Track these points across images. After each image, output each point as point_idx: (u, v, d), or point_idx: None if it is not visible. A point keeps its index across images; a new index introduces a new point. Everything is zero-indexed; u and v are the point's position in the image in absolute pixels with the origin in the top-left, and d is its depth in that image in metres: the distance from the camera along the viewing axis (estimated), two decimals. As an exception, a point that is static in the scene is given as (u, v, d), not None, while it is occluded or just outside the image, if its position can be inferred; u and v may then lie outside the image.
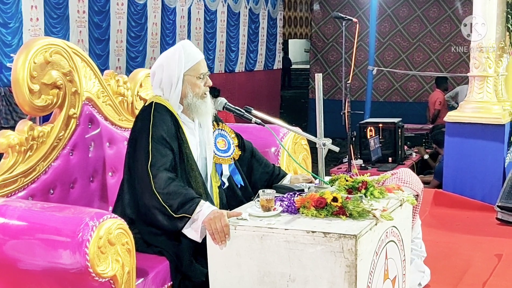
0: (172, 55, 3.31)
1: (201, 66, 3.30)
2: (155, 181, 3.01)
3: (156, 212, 3.02)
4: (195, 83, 3.28)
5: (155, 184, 3.01)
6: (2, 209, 2.71)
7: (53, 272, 2.55)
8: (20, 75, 3.03)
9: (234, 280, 2.80)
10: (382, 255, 2.89)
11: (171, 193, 2.99)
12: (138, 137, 3.17)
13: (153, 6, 9.74)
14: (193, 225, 2.97)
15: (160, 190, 2.99)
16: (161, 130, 3.14)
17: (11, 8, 7.36)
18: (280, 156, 3.82)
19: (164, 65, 3.31)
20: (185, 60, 3.26)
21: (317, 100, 3.18)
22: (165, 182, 3.01)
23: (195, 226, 2.97)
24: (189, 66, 3.27)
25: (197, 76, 3.28)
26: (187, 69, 3.27)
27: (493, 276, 4.44)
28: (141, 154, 3.10)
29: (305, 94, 15.73)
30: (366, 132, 7.67)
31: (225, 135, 3.46)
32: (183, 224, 2.98)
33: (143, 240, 3.11)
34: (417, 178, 3.59)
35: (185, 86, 3.27)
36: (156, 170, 3.03)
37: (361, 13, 12.73)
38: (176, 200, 2.97)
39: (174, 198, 2.98)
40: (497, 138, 6.24)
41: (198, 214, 2.94)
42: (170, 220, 3.00)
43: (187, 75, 3.27)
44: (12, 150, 3.01)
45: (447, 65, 12.79)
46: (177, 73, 3.26)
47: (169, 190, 2.99)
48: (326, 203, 2.83)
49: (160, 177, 3.02)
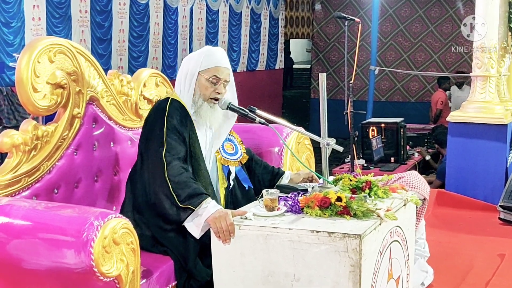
0: (196, 54, 3.39)
1: (217, 71, 3.31)
2: (168, 168, 3.04)
3: (163, 198, 3.03)
4: (204, 85, 3.30)
5: (168, 171, 3.03)
6: (6, 208, 2.71)
7: (57, 272, 2.55)
8: (24, 75, 3.03)
9: (238, 279, 2.80)
10: (386, 255, 2.89)
11: (181, 182, 3.01)
12: (152, 127, 3.20)
13: (155, 6, 9.73)
14: (195, 220, 2.98)
15: (171, 178, 3.02)
16: (176, 121, 3.17)
17: (13, 8, 7.36)
18: (284, 156, 3.82)
19: (185, 62, 3.38)
20: (203, 60, 3.31)
21: (321, 100, 3.18)
22: (177, 170, 3.04)
23: (198, 222, 2.97)
24: (205, 67, 3.30)
25: (207, 78, 3.29)
26: (202, 69, 3.30)
27: (496, 276, 4.44)
28: (155, 142, 3.12)
29: (307, 94, 15.73)
30: (368, 132, 7.67)
31: (232, 140, 3.49)
32: (186, 216, 2.99)
33: (150, 237, 3.12)
34: (424, 182, 3.59)
35: (197, 85, 3.31)
36: (171, 158, 3.07)
37: (363, 13, 12.73)
38: (184, 191, 2.99)
39: (183, 188, 3.00)
40: (499, 138, 6.24)
41: (203, 210, 2.94)
42: (174, 209, 3.01)
43: (200, 75, 3.30)
44: (16, 150, 3.01)
45: (449, 65, 12.79)
46: (192, 70, 3.31)
47: (180, 180, 3.02)
48: (330, 203, 2.83)
49: (174, 165, 3.05)
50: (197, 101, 3.30)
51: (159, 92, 3.92)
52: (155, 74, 3.97)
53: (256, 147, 3.82)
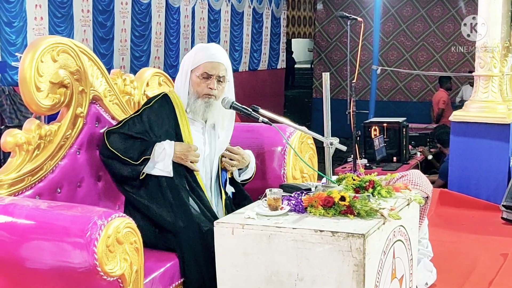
0: (190, 52, 3.44)
1: (207, 67, 3.32)
2: (109, 142, 3.20)
3: (111, 162, 3.22)
4: (196, 81, 3.34)
5: (111, 143, 3.20)
6: (10, 208, 2.71)
7: (60, 271, 2.55)
8: (28, 74, 3.03)
9: (242, 279, 2.80)
10: (390, 254, 2.89)
11: (128, 147, 3.18)
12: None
13: (157, 6, 9.75)
14: (159, 166, 3.17)
15: (116, 149, 3.18)
16: (152, 110, 3.31)
17: (15, 7, 7.37)
18: (287, 155, 3.81)
19: (183, 61, 3.43)
20: (195, 57, 3.35)
21: (325, 99, 3.17)
22: (119, 140, 3.20)
23: (163, 166, 3.17)
24: (196, 65, 3.34)
25: (197, 75, 3.32)
26: (193, 67, 3.34)
27: (499, 275, 4.43)
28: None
29: (308, 94, 15.73)
30: (371, 132, 7.67)
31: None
32: (143, 166, 3.15)
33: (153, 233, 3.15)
34: (427, 180, 3.58)
35: (190, 83, 3.35)
36: (110, 133, 3.24)
37: (365, 13, 12.73)
38: (134, 152, 3.16)
39: (131, 150, 3.17)
40: (502, 137, 6.23)
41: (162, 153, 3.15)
42: (129, 167, 3.17)
43: (193, 73, 3.34)
44: (19, 149, 3.01)
45: (451, 65, 12.79)
46: (185, 69, 3.36)
47: (125, 145, 3.18)
48: (333, 202, 2.82)
49: (114, 137, 3.21)
50: (191, 97, 3.35)
51: (162, 91, 3.91)
52: (158, 74, 3.96)
53: (259, 147, 3.82)
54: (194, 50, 3.42)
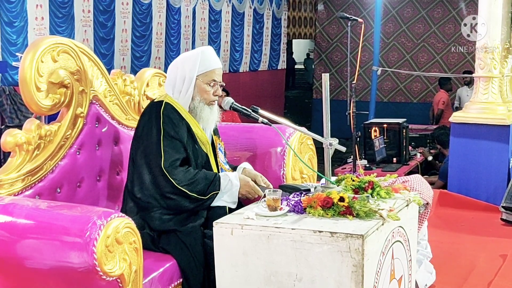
0: (190, 57, 3.36)
1: (214, 74, 3.33)
2: (174, 179, 3.13)
3: (179, 199, 3.16)
4: (204, 89, 3.31)
5: (176, 180, 3.13)
6: (10, 207, 2.72)
7: (60, 271, 2.56)
8: (28, 74, 3.04)
9: (241, 279, 2.80)
10: (389, 255, 2.89)
11: (193, 182, 3.15)
12: (147, 134, 3.22)
13: (158, 6, 9.75)
14: (226, 197, 3.23)
15: (182, 184, 3.13)
16: (171, 126, 3.21)
17: (16, 7, 7.37)
18: (286, 156, 3.81)
19: (179, 65, 3.35)
20: (200, 64, 3.30)
21: (324, 100, 3.17)
22: (182, 174, 3.14)
23: (232, 197, 3.24)
24: (202, 71, 3.31)
25: (207, 82, 3.30)
26: (200, 73, 3.30)
27: (498, 277, 4.44)
28: (154, 153, 3.17)
29: (309, 94, 15.72)
30: (371, 133, 7.67)
31: (222, 149, 3.54)
32: (212, 200, 3.19)
33: (151, 236, 3.15)
34: (428, 186, 3.58)
35: (195, 90, 3.30)
36: (171, 168, 3.14)
37: (366, 14, 12.73)
38: (201, 185, 3.15)
39: (197, 184, 3.15)
40: (502, 139, 6.23)
41: (228, 186, 3.21)
42: (198, 203, 3.18)
43: (199, 79, 3.30)
44: (19, 149, 3.02)
45: (451, 66, 12.79)
46: (189, 75, 3.30)
47: (190, 180, 3.15)
48: (332, 203, 2.83)
49: (177, 173, 3.14)
50: (197, 105, 3.32)
51: (162, 92, 3.92)
52: (158, 74, 3.97)
53: (259, 147, 3.83)
54: (195, 55, 3.33)
